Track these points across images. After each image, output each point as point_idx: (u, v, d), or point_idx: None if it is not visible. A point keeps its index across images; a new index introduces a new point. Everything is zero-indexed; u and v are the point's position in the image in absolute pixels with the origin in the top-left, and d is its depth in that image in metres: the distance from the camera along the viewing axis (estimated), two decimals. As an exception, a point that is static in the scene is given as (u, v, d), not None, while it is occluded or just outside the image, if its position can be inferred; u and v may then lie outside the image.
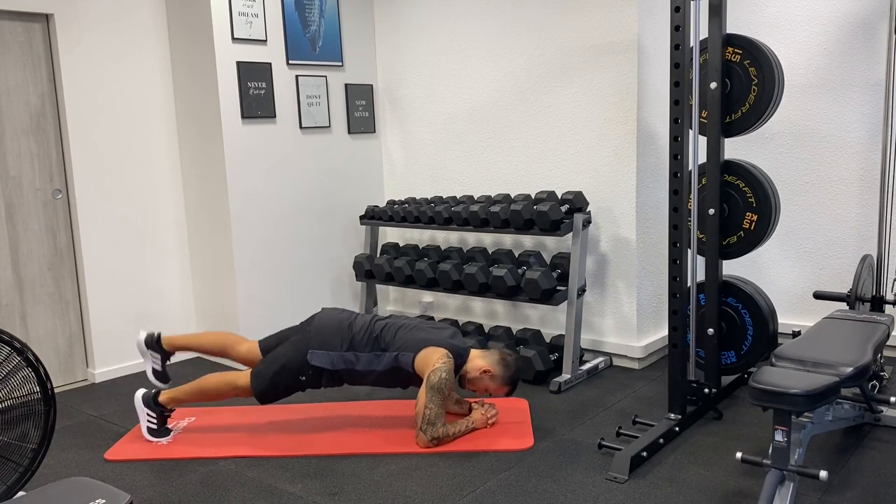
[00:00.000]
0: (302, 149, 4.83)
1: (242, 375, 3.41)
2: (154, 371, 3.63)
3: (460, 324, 4.75)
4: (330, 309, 3.57)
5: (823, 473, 2.44)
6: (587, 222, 4.03)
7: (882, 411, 3.29)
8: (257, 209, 4.62)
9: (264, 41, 4.54)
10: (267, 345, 3.55)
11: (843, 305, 4.14)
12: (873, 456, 3.03)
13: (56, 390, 3.94)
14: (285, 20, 4.63)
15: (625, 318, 4.27)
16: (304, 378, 3.38)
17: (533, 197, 4.39)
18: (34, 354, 2.68)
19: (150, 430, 3.47)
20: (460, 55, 4.78)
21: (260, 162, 4.60)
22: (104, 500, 1.94)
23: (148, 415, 3.48)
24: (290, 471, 3.13)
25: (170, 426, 3.56)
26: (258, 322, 4.64)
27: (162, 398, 3.48)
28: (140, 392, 3.52)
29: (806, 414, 2.72)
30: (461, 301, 5.07)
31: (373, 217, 4.98)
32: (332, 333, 3.40)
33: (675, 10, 3.17)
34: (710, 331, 3.62)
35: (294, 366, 3.37)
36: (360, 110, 5.15)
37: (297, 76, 4.72)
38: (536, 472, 3.02)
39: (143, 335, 3.63)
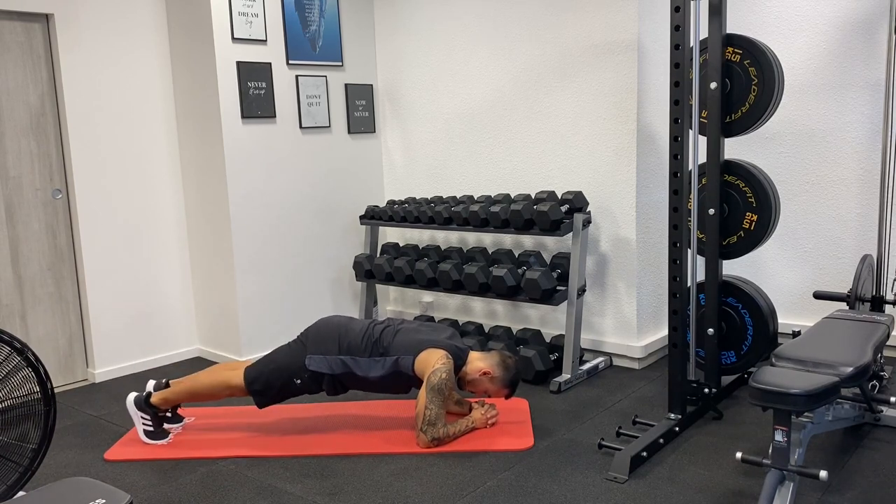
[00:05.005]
0: (302, 149, 4.83)
1: (235, 375, 3.41)
2: (165, 418, 3.57)
3: (460, 324, 4.75)
4: (327, 317, 3.57)
5: (823, 473, 2.44)
6: (587, 222, 4.03)
7: (882, 411, 3.29)
8: (257, 209, 4.62)
9: (264, 41, 4.54)
10: None
11: (843, 305, 4.15)
12: (873, 456, 3.03)
13: (56, 390, 3.95)
14: (285, 20, 4.63)
15: (625, 318, 4.27)
16: (298, 381, 3.37)
17: (533, 197, 4.39)
18: (34, 354, 2.68)
19: (146, 433, 3.45)
20: (460, 55, 4.78)
21: (260, 162, 4.60)
22: (104, 500, 1.94)
23: (142, 418, 3.45)
24: (290, 471, 3.13)
25: (166, 428, 3.54)
26: (258, 322, 4.64)
27: (154, 399, 3.46)
28: (131, 395, 3.49)
29: (806, 414, 2.72)
30: (461, 301, 5.07)
31: (373, 217, 4.98)
32: (328, 337, 3.40)
33: (675, 10, 3.17)
34: (710, 331, 3.62)
35: (289, 368, 3.37)
36: (360, 110, 5.14)
37: (297, 76, 4.72)
38: (536, 472, 3.02)
39: (151, 385, 3.58)
